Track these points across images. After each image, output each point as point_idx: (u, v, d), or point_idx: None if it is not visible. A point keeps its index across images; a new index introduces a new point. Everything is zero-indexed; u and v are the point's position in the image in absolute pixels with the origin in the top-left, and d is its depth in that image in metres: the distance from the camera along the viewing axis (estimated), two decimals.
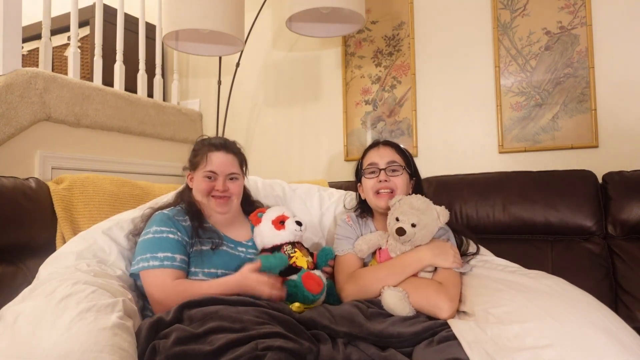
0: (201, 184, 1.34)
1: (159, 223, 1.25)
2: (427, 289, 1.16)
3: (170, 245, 1.21)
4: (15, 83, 1.64)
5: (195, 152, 1.39)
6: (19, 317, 0.90)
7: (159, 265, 1.17)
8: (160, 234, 1.22)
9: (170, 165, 2.39)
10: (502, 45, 1.98)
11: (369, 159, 1.40)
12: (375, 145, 1.44)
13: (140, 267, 1.19)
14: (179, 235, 1.23)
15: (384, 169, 1.36)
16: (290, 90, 2.46)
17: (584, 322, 0.92)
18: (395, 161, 1.37)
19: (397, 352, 0.99)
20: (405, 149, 1.45)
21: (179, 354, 0.89)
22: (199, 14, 1.85)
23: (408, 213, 1.22)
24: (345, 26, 1.98)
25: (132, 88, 2.32)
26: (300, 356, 0.91)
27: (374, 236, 1.31)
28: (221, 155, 1.35)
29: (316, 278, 1.20)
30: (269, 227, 1.34)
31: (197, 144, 1.42)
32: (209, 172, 1.33)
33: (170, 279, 1.16)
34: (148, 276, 1.18)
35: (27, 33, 2.18)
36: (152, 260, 1.18)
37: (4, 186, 1.34)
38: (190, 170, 1.39)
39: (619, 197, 1.58)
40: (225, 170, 1.35)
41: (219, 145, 1.37)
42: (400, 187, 1.36)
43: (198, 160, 1.36)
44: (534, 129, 1.91)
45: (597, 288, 1.45)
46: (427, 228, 1.23)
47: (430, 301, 1.13)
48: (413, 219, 1.21)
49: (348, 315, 1.07)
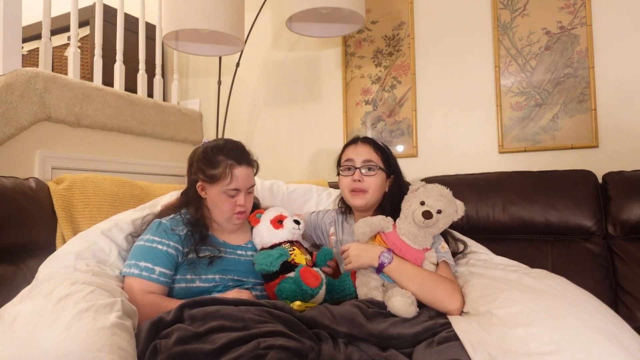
0: (223, 203, 1.29)
1: (154, 232, 1.26)
2: (445, 284, 1.17)
3: (154, 257, 1.21)
4: (15, 83, 1.64)
5: (211, 163, 1.28)
6: (17, 317, 0.90)
7: (137, 275, 1.19)
8: (150, 243, 1.24)
9: (170, 165, 2.39)
10: (502, 45, 1.98)
11: (347, 155, 1.42)
12: (354, 142, 1.45)
13: (124, 271, 1.22)
14: (170, 247, 1.24)
15: (359, 167, 1.37)
16: (290, 90, 2.46)
17: (589, 326, 0.91)
18: (371, 160, 1.38)
19: (397, 352, 0.99)
20: (385, 146, 1.46)
21: (180, 353, 0.89)
22: (199, 14, 1.85)
23: (437, 198, 1.23)
24: (345, 26, 1.98)
25: (132, 88, 2.32)
26: (302, 355, 0.91)
27: (376, 219, 1.28)
28: (244, 170, 1.29)
29: (314, 272, 1.21)
30: (267, 226, 1.34)
31: (212, 153, 1.30)
32: (233, 191, 1.28)
33: (142, 290, 1.18)
34: (126, 282, 1.21)
35: (27, 33, 2.18)
36: (134, 267, 1.20)
37: (4, 186, 1.34)
38: (206, 183, 1.30)
39: (619, 197, 1.58)
40: (246, 185, 1.31)
41: (241, 159, 1.30)
42: (374, 188, 1.37)
43: (219, 174, 1.26)
44: (534, 129, 1.91)
45: (597, 288, 1.45)
46: (448, 218, 1.24)
47: (446, 297, 1.14)
48: (440, 206, 1.22)
49: (348, 315, 1.07)
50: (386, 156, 1.42)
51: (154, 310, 1.10)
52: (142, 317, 1.06)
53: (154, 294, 1.19)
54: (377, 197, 1.39)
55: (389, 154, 1.44)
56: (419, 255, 1.24)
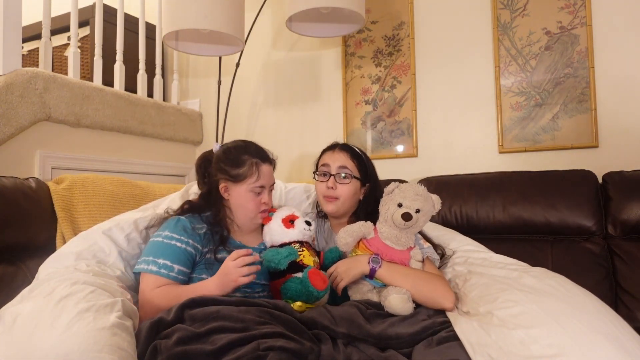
0: (249, 202, 1.29)
1: (172, 229, 1.24)
2: (436, 281, 1.18)
3: (173, 254, 1.20)
4: (15, 83, 1.64)
5: (236, 162, 1.29)
6: (17, 317, 0.90)
7: (155, 272, 1.18)
8: (169, 240, 1.22)
9: (170, 165, 2.39)
10: (502, 45, 1.98)
11: (323, 160, 1.43)
12: (332, 148, 1.45)
13: (141, 268, 1.20)
14: (189, 245, 1.23)
15: (334, 174, 1.38)
16: (290, 90, 2.46)
17: (591, 329, 0.91)
18: (346, 167, 1.39)
19: (397, 352, 0.99)
20: (363, 153, 1.46)
21: (180, 353, 0.89)
22: (199, 14, 1.84)
23: (413, 198, 1.22)
24: (345, 26, 1.98)
25: (132, 88, 2.32)
26: (302, 356, 0.91)
27: (356, 226, 1.28)
28: (268, 168, 1.32)
29: (322, 275, 1.20)
30: (278, 225, 1.34)
31: (236, 152, 1.31)
32: (259, 188, 1.30)
33: (157, 287, 1.17)
34: (142, 279, 1.20)
35: (27, 33, 2.18)
36: (152, 264, 1.19)
37: (4, 186, 1.34)
38: (231, 182, 1.30)
39: (619, 197, 1.58)
40: (270, 182, 1.34)
41: (265, 157, 1.33)
42: (345, 197, 1.38)
43: (244, 172, 1.27)
44: (534, 129, 1.91)
45: (597, 288, 1.44)
46: (427, 215, 1.24)
47: (440, 293, 1.15)
48: (418, 205, 1.22)
49: (347, 316, 1.07)
50: (363, 164, 1.42)
51: (164, 300, 1.10)
52: (153, 310, 1.07)
53: (165, 286, 1.18)
54: (349, 205, 1.40)
55: (366, 162, 1.45)
56: (404, 256, 1.24)
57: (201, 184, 1.39)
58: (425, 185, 1.80)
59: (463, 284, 1.21)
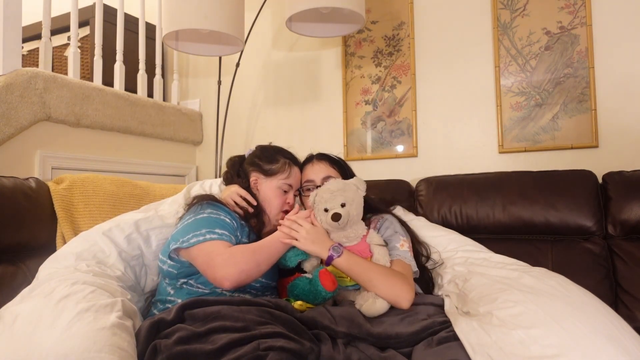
0: (276, 199, 1.35)
1: (213, 207, 1.24)
2: (394, 279, 1.16)
3: (226, 226, 1.20)
4: (15, 83, 1.64)
5: (270, 158, 1.38)
6: (17, 317, 0.90)
7: (217, 238, 1.14)
8: (217, 215, 1.22)
9: (170, 165, 2.39)
10: (502, 45, 1.98)
11: (305, 176, 1.42)
12: (309, 161, 1.45)
13: (195, 241, 1.13)
14: (234, 221, 1.24)
15: (319, 185, 1.36)
16: (290, 90, 2.46)
17: (591, 329, 0.91)
18: (330, 175, 1.38)
19: (396, 352, 0.99)
20: (339, 158, 1.47)
21: (180, 353, 0.89)
22: (199, 14, 1.84)
23: (331, 197, 1.24)
24: (345, 26, 1.98)
25: (132, 88, 2.32)
26: (302, 356, 0.91)
27: None
28: (298, 171, 1.41)
29: (332, 276, 1.20)
30: None
31: (272, 151, 1.41)
32: (288, 186, 1.36)
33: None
34: (204, 247, 1.13)
35: (27, 33, 2.18)
36: (210, 234, 1.14)
37: (4, 186, 1.34)
38: (262, 176, 1.37)
39: (619, 197, 1.58)
40: (297, 185, 1.41)
41: (296, 161, 1.43)
42: None
43: (277, 168, 1.36)
44: (534, 129, 1.91)
45: (597, 288, 1.44)
46: (355, 201, 1.25)
47: (396, 291, 1.14)
48: (339, 200, 1.23)
49: (348, 315, 1.07)
50: (343, 169, 1.43)
51: (245, 254, 1.12)
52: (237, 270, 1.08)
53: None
54: None
55: (345, 166, 1.45)
56: (363, 248, 1.25)
57: (235, 178, 1.40)
58: (425, 185, 1.84)
59: (463, 284, 1.21)
